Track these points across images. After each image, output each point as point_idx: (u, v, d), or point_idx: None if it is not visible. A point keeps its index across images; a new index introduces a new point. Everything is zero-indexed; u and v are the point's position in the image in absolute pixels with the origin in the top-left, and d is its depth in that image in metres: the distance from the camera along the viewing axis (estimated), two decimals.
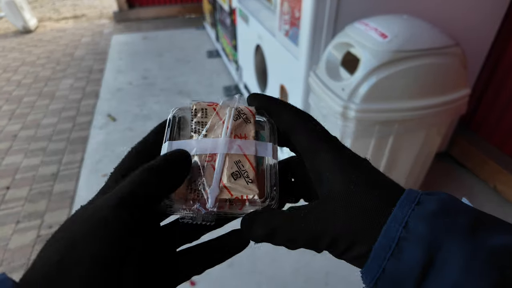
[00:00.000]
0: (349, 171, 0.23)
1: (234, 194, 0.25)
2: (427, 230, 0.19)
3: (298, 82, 1.37)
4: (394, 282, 0.20)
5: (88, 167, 1.95)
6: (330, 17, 1.17)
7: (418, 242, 0.19)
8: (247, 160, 0.26)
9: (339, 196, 0.22)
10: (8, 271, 1.42)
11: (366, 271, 0.21)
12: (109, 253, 0.19)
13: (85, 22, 4.74)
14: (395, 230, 0.20)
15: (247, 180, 0.25)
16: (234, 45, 2.54)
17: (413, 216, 0.20)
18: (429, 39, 1.01)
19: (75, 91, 2.85)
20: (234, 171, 0.26)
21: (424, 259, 0.19)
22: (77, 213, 0.22)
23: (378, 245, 0.20)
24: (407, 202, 0.21)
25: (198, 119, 0.28)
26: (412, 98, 1.02)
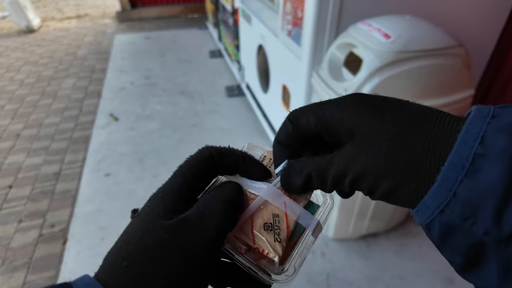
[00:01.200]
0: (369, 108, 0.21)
1: (257, 243, 0.24)
2: (509, 144, 0.16)
3: (301, 83, 1.37)
4: (467, 209, 0.17)
5: (90, 167, 1.95)
6: (333, 17, 1.17)
7: (499, 158, 0.16)
8: (285, 219, 0.25)
9: (364, 131, 0.21)
10: (10, 270, 1.43)
11: (430, 199, 0.18)
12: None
13: (88, 21, 4.75)
14: (469, 147, 0.17)
15: (276, 237, 0.24)
16: (236, 45, 2.54)
17: (489, 129, 0.17)
18: (432, 40, 1.00)
19: (78, 91, 2.86)
20: (268, 222, 0.24)
21: (508, 176, 0.16)
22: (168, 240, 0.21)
23: (447, 166, 0.17)
24: (480, 116, 0.18)
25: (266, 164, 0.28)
26: (414, 99, 1.01)
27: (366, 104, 0.22)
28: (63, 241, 1.54)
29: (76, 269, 1.40)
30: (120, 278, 0.20)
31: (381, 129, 0.20)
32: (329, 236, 1.44)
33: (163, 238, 0.21)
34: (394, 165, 0.19)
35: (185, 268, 0.20)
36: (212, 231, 0.22)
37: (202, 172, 0.25)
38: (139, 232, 0.22)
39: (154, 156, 2.01)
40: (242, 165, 0.26)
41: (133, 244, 0.21)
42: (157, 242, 0.21)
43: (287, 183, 0.25)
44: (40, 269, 1.43)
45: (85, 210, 1.67)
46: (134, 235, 0.22)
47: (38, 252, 1.51)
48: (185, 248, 0.21)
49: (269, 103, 1.97)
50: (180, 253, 0.21)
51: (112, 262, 0.21)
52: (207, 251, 0.21)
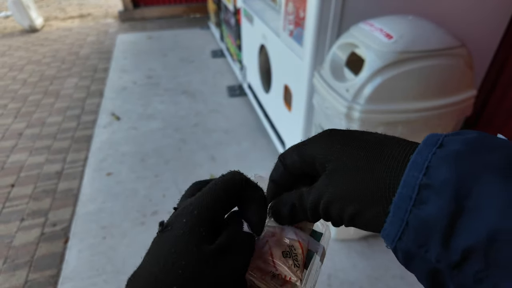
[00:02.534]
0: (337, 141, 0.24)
1: (279, 270, 0.26)
2: (452, 174, 0.17)
3: (302, 83, 1.37)
4: (420, 237, 0.18)
5: (92, 166, 1.96)
6: (335, 18, 1.17)
7: (443, 188, 0.17)
8: (300, 246, 0.27)
9: (333, 164, 0.23)
10: (12, 268, 1.43)
11: (388, 226, 0.19)
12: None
13: (91, 21, 4.77)
14: (415, 178, 0.18)
15: (295, 263, 0.26)
16: (238, 45, 2.54)
17: (434, 160, 0.18)
18: (435, 40, 1.00)
19: (80, 90, 2.87)
20: (286, 250, 0.26)
21: (451, 207, 0.16)
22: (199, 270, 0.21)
23: (397, 197, 0.18)
24: (427, 146, 0.19)
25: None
26: (417, 99, 1.01)
27: (335, 140, 0.24)
28: (64, 240, 1.55)
29: (78, 268, 1.40)
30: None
31: (345, 162, 0.22)
32: (331, 236, 1.44)
33: (209, 265, 0.20)
34: (356, 192, 0.21)
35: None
36: (242, 261, 0.23)
37: (233, 194, 0.24)
38: (184, 254, 0.20)
39: (155, 155, 2.01)
40: (254, 206, 0.26)
41: (181, 267, 0.20)
42: (204, 268, 0.20)
43: (276, 214, 0.27)
44: (41, 268, 1.44)
45: (86, 209, 1.67)
46: (180, 256, 0.20)
47: (40, 250, 1.51)
48: (224, 277, 0.21)
49: (271, 103, 1.97)
50: (223, 280, 0.21)
51: (156, 282, 0.20)
52: (239, 280, 0.22)
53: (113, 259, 1.43)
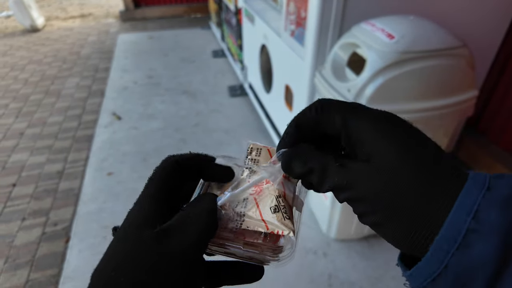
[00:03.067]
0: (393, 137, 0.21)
1: (270, 228, 0.25)
2: (502, 220, 0.16)
3: (304, 83, 1.37)
4: (458, 281, 0.17)
5: (93, 166, 1.96)
6: (337, 18, 1.17)
7: (491, 234, 0.16)
8: (285, 195, 0.27)
9: (380, 162, 0.20)
10: (13, 268, 1.43)
11: (423, 265, 0.18)
12: None
13: (92, 21, 4.77)
14: (462, 220, 0.17)
15: (285, 215, 0.26)
16: (239, 44, 2.54)
17: (483, 204, 0.17)
18: (436, 40, 1.00)
19: (81, 90, 2.87)
20: (274, 205, 0.26)
21: (499, 254, 0.16)
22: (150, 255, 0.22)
23: (441, 237, 0.17)
24: (475, 187, 0.18)
25: (252, 156, 0.30)
26: (418, 100, 1.01)
27: (396, 134, 0.21)
28: (65, 239, 1.55)
29: (79, 268, 1.40)
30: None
31: (397, 170, 0.20)
32: (331, 237, 1.44)
33: (149, 246, 0.21)
34: (391, 209, 0.20)
35: (174, 274, 0.21)
36: (195, 236, 0.22)
37: (171, 179, 0.26)
38: (123, 244, 0.22)
39: (156, 155, 2.01)
40: (206, 169, 0.28)
41: (120, 255, 0.21)
42: (144, 251, 0.21)
43: (287, 167, 0.25)
44: (43, 267, 1.44)
45: (87, 209, 1.67)
46: (119, 248, 0.22)
47: (41, 250, 1.51)
48: (172, 255, 0.21)
49: (272, 103, 1.96)
50: (168, 260, 0.21)
51: (101, 276, 0.21)
52: (193, 255, 0.22)
53: None
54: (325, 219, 1.41)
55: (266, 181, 0.28)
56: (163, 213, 0.24)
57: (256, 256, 0.26)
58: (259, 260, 0.26)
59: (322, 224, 1.47)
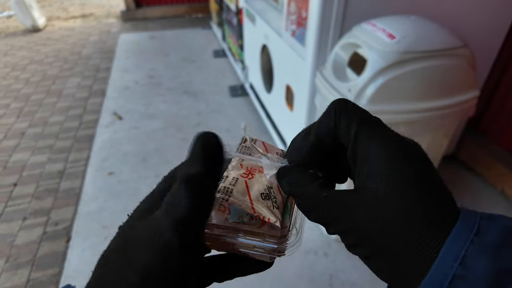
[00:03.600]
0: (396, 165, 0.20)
1: (257, 212, 0.25)
2: (490, 268, 0.16)
3: (304, 83, 1.37)
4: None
5: (94, 165, 1.96)
6: (338, 18, 1.17)
7: (479, 282, 0.16)
8: (278, 189, 0.27)
9: (372, 193, 0.20)
10: (14, 267, 1.44)
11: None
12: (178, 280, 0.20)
13: (93, 21, 4.78)
14: (449, 266, 0.17)
15: (274, 204, 0.26)
16: (240, 44, 2.54)
17: (471, 250, 0.17)
18: (437, 40, 0.99)
19: (82, 90, 2.88)
20: (265, 192, 0.26)
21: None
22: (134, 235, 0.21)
23: (427, 281, 0.17)
24: (464, 230, 0.17)
25: (246, 145, 0.29)
26: (419, 100, 1.01)
27: (405, 172, 0.20)
28: (66, 239, 1.55)
29: (80, 267, 1.41)
30: (97, 277, 0.21)
31: (390, 209, 0.19)
32: (332, 237, 1.43)
33: (133, 235, 0.21)
34: (379, 246, 0.19)
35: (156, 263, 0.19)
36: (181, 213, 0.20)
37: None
38: (114, 237, 0.22)
39: (157, 155, 2.01)
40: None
41: (109, 247, 0.22)
42: (128, 240, 0.21)
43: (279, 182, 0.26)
44: (44, 267, 1.44)
45: (88, 209, 1.68)
46: (111, 241, 0.22)
47: (42, 249, 1.52)
48: (157, 242, 0.20)
49: (273, 103, 1.96)
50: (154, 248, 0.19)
51: (95, 268, 0.22)
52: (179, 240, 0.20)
53: None
54: None
55: (259, 170, 0.27)
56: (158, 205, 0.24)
57: (260, 246, 0.25)
58: (263, 251, 0.26)
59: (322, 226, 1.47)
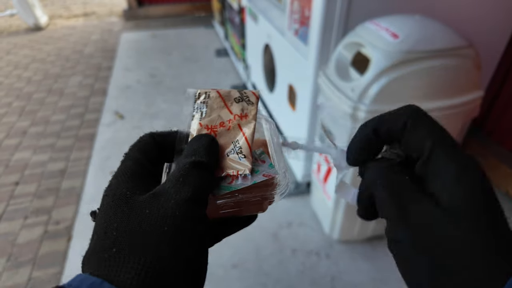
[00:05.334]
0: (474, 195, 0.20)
1: (225, 171, 0.25)
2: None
3: (307, 82, 1.36)
4: None
5: (96, 164, 1.96)
6: (341, 17, 1.15)
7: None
8: (243, 136, 0.26)
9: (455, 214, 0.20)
10: (15, 266, 1.44)
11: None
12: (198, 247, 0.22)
13: (95, 19, 4.78)
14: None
15: (240, 156, 0.26)
16: (242, 44, 2.54)
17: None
18: (442, 40, 0.98)
19: (84, 89, 2.88)
20: (230, 148, 0.26)
21: None
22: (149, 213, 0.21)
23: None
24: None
25: (201, 100, 0.28)
26: (423, 100, 1.00)
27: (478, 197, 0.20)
28: (67, 238, 1.55)
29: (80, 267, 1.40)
30: (114, 266, 0.18)
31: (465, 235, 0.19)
32: (334, 238, 1.43)
33: (144, 213, 0.20)
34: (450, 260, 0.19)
35: (179, 234, 0.20)
36: (190, 190, 0.21)
37: (147, 151, 0.25)
38: (114, 217, 0.20)
39: None
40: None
41: (115, 229, 0.20)
42: (141, 219, 0.20)
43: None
44: (45, 266, 1.44)
45: (89, 208, 1.67)
46: (110, 223, 0.20)
47: (43, 248, 1.52)
48: (174, 214, 0.20)
49: (275, 103, 1.95)
50: (171, 220, 0.20)
51: (100, 253, 0.19)
52: (196, 210, 0.21)
53: None
54: (327, 220, 1.40)
55: (221, 124, 0.27)
56: (147, 184, 0.23)
57: (254, 199, 0.26)
58: (257, 202, 0.26)
59: (324, 225, 1.46)
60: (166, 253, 0.19)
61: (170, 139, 0.27)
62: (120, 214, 0.21)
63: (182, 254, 0.20)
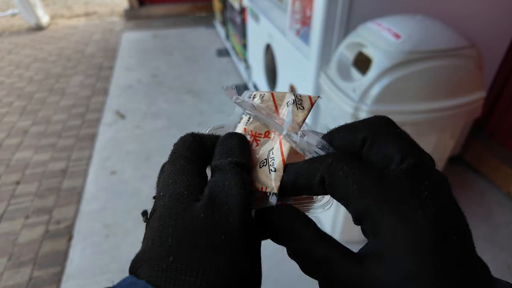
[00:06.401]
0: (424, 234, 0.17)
1: (257, 185, 0.23)
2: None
3: (308, 82, 1.36)
4: None
5: (97, 164, 1.96)
6: (342, 17, 1.15)
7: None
8: (280, 149, 0.24)
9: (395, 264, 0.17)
10: (16, 265, 1.44)
11: None
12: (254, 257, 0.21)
13: (96, 19, 4.78)
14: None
15: (271, 168, 0.23)
16: (243, 44, 2.53)
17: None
18: (444, 40, 0.98)
19: (85, 88, 2.88)
20: (263, 159, 0.24)
21: None
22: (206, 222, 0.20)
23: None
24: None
25: (255, 102, 0.26)
26: (425, 100, 1.00)
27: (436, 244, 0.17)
28: (68, 237, 1.55)
29: (81, 266, 1.40)
30: (171, 277, 0.18)
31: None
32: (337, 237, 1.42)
33: (200, 219, 0.19)
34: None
35: (234, 240, 0.19)
36: (241, 194, 0.20)
37: (195, 149, 0.24)
38: (169, 220, 0.19)
39: (160, 154, 2.01)
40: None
41: (170, 235, 0.19)
42: (197, 225, 0.19)
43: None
44: (45, 265, 1.44)
45: (90, 208, 1.67)
46: (165, 226, 0.19)
47: (44, 248, 1.52)
48: (228, 221, 0.19)
49: None
50: (226, 229, 0.19)
51: (155, 261, 0.18)
52: (248, 215, 0.20)
53: (116, 258, 1.43)
54: (328, 221, 1.39)
55: (266, 134, 0.25)
56: (202, 182, 0.22)
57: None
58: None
59: (325, 226, 1.46)
60: (223, 264, 0.18)
61: (212, 139, 0.26)
62: (175, 216, 0.19)
63: (240, 264, 0.19)
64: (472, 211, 1.52)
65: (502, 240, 1.42)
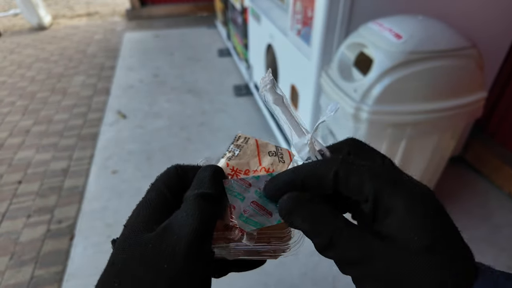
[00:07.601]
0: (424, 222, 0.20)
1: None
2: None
3: (309, 83, 1.36)
4: None
5: (98, 164, 1.96)
6: (344, 17, 1.15)
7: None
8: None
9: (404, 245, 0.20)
10: (18, 264, 1.44)
11: None
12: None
13: (98, 19, 4.79)
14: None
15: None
16: (245, 44, 2.54)
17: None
18: (445, 40, 0.98)
19: (87, 88, 2.88)
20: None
21: None
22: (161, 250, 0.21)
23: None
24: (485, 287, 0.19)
25: (238, 143, 0.29)
26: (426, 101, 1.00)
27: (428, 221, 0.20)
28: (70, 237, 1.55)
29: (83, 265, 1.41)
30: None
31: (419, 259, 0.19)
32: None
33: (148, 248, 0.21)
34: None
35: (179, 270, 0.21)
36: (193, 225, 0.22)
37: (171, 184, 0.25)
38: (123, 250, 0.22)
39: (161, 154, 2.01)
40: None
41: (121, 262, 0.21)
42: (143, 253, 0.21)
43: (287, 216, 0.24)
44: (47, 264, 1.44)
45: (92, 207, 1.68)
46: (119, 255, 0.22)
47: (45, 247, 1.52)
48: (173, 251, 0.21)
49: None
50: (170, 258, 0.20)
51: (105, 284, 0.21)
52: (198, 246, 0.21)
53: None
54: None
55: (245, 172, 0.27)
56: (161, 217, 0.23)
57: (265, 250, 0.25)
58: (269, 253, 0.26)
59: None
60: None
61: (191, 173, 0.26)
62: (128, 246, 0.22)
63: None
64: (473, 211, 1.51)
65: (502, 241, 1.41)
